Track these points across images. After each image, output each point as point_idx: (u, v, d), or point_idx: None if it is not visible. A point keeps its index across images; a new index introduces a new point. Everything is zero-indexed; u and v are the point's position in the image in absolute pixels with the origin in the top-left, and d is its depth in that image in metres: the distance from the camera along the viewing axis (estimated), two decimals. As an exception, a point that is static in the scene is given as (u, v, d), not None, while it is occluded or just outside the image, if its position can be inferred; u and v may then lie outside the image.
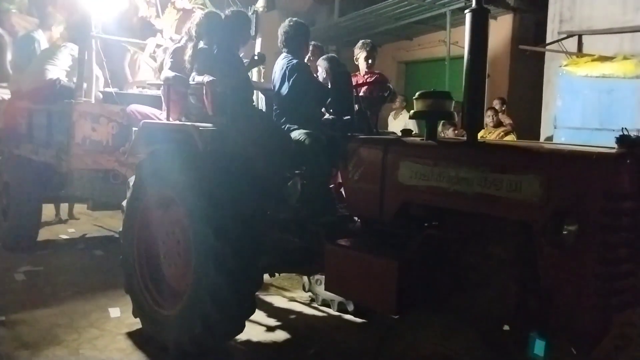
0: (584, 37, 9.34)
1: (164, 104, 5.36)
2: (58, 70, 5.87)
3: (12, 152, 6.56)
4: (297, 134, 3.95)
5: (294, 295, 5.40)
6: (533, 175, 2.58)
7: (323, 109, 4.35)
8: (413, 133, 3.66)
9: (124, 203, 4.39)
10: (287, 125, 4.11)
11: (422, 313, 2.75)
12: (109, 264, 6.07)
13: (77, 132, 5.30)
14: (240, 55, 4.35)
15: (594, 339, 2.45)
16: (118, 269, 5.40)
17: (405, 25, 11.21)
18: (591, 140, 6.90)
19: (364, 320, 4.79)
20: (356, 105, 3.98)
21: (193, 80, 4.03)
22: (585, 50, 9.23)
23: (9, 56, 7.22)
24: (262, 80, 6.31)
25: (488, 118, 8.21)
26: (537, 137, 8.81)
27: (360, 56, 4.82)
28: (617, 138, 2.51)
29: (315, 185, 3.83)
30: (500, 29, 10.80)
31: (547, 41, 9.80)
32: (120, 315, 4.63)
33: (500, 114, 8.50)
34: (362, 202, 3.48)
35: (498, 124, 8.34)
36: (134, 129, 4.54)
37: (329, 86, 4.48)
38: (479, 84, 2.95)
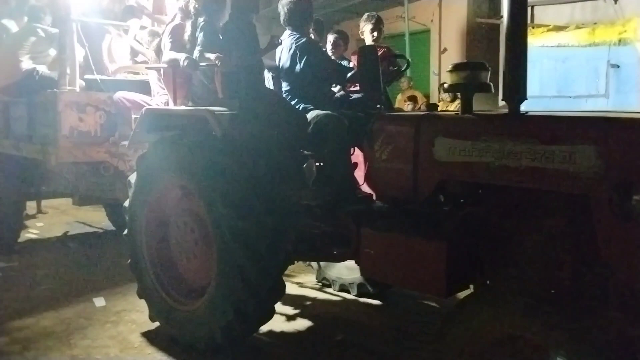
0: (536, 8, 9.64)
1: (155, 89, 5.10)
2: (32, 58, 5.43)
3: (-13, 148, 6.10)
4: (315, 115, 3.75)
5: (301, 281, 5.23)
6: (589, 145, 2.46)
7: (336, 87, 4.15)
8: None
9: (126, 203, 4.10)
10: (301, 106, 3.90)
11: (488, 292, 2.62)
12: (84, 255, 6.11)
13: (64, 123, 4.94)
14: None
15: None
16: (95, 260, 5.70)
17: (362, 1, 11.09)
18: (550, 107, 7.01)
19: (379, 302, 4.66)
20: None
21: (200, 60, 3.71)
22: (538, 20, 9.49)
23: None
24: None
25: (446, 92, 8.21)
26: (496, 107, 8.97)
27: (365, 29, 4.60)
28: None
29: (336, 167, 3.64)
30: (456, 3, 11.01)
31: (502, 13, 9.90)
32: (106, 304, 4.58)
33: None
34: (393, 182, 3.31)
35: (455, 97, 8.26)
36: (133, 116, 4.22)
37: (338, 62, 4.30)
38: (519, 53, 2.80)
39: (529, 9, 9.63)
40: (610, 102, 7.50)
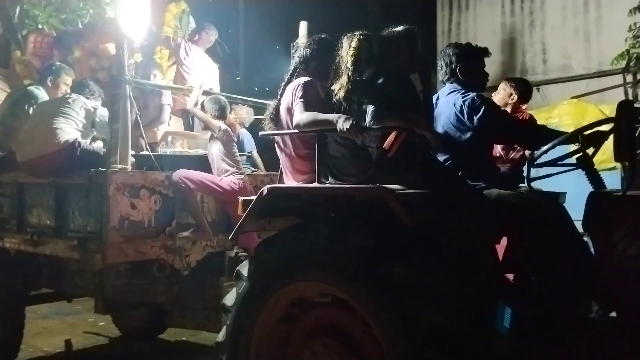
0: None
1: (220, 166, 4.24)
2: (74, 129, 4.30)
3: (-11, 243, 4.78)
4: (496, 195, 2.85)
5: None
6: None
7: None
8: None
9: (228, 301, 2.99)
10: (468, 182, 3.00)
11: None
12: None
13: (114, 212, 3.78)
14: None
15: None
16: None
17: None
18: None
19: None
20: None
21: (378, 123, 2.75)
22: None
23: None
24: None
25: None
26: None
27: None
28: None
29: (550, 266, 2.70)
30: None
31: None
32: None
33: None
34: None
35: None
36: (241, 199, 3.12)
37: None
38: None
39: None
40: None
